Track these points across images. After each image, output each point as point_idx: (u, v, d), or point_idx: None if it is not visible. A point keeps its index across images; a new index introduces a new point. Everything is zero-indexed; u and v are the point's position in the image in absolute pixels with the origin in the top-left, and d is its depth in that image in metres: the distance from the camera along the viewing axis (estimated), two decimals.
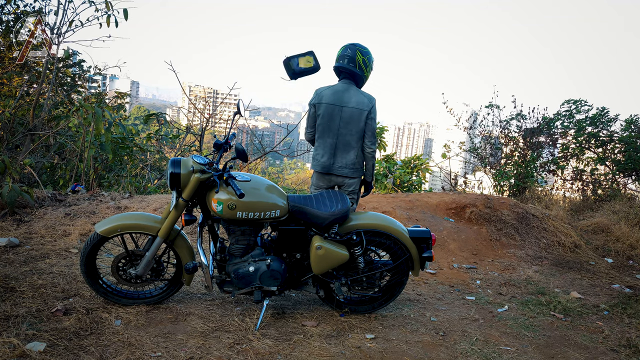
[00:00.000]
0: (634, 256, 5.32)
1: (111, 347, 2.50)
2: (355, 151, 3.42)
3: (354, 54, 3.36)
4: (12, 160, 5.79)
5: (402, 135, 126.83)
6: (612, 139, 8.44)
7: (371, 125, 3.40)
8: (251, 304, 3.22)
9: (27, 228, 4.15)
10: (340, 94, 3.39)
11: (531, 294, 4.03)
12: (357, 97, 3.38)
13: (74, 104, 6.70)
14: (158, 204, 4.86)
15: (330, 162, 3.44)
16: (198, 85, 67.02)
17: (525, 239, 5.40)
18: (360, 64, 3.37)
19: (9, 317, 2.63)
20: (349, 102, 3.37)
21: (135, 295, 3.05)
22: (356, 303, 3.27)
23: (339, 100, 3.38)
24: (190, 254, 3.02)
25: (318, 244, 2.93)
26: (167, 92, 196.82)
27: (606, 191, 8.22)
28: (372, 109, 3.40)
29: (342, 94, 3.39)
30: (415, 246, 3.16)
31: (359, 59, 3.36)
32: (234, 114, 3.10)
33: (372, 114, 3.39)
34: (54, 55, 6.46)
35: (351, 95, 3.38)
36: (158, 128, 7.97)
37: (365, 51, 3.39)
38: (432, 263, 4.53)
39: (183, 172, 2.77)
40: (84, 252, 2.88)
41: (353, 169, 3.45)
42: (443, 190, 8.47)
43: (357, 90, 3.42)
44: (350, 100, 3.37)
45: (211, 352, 2.56)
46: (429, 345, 2.89)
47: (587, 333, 3.29)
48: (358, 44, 3.39)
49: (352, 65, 3.36)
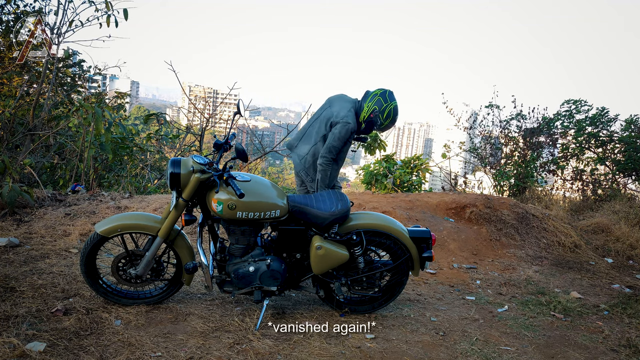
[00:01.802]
0: (634, 256, 5.32)
1: (111, 347, 2.50)
2: (310, 149, 3.58)
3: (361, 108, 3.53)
4: (12, 160, 5.79)
5: (402, 135, 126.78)
6: (612, 139, 8.44)
7: (330, 138, 3.46)
8: (251, 304, 3.22)
9: (27, 228, 4.15)
10: (338, 98, 3.65)
11: (531, 294, 4.03)
12: (342, 108, 3.52)
13: (74, 104, 6.70)
14: (158, 204, 4.86)
15: (295, 143, 3.73)
16: (198, 85, 67.03)
17: (525, 239, 5.40)
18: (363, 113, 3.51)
19: (9, 317, 2.63)
20: (333, 106, 3.58)
21: (135, 295, 3.05)
22: (356, 303, 3.27)
23: (332, 101, 3.63)
24: (190, 254, 3.02)
25: (318, 244, 2.93)
26: (167, 92, 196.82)
27: (606, 191, 8.22)
28: (338, 125, 3.44)
29: (339, 99, 3.63)
30: (415, 246, 3.16)
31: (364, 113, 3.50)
32: (234, 114, 3.10)
33: (336, 128, 3.45)
34: (54, 55, 6.46)
35: (342, 105, 3.55)
36: (158, 128, 7.97)
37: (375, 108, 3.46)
38: (432, 263, 4.53)
39: (183, 172, 2.77)
40: (84, 252, 2.88)
41: (304, 166, 3.62)
42: (443, 190, 8.47)
43: (350, 106, 3.53)
44: (335, 106, 3.56)
45: (211, 352, 2.56)
46: (429, 345, 2.89)
47: (587, 333, 3.29)
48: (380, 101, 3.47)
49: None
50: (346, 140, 3.49)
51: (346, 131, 3.44)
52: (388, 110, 3.44)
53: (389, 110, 3.44)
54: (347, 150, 3.64)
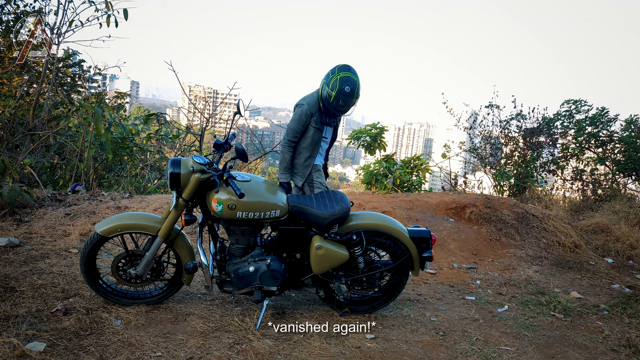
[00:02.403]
0: (634, 256, 5.32)
1: (111, 347, 2.50)
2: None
3: None
4: (12, 160, 5.79)
5: (402, 135, 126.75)
6: (612, 139, 8.44)
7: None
8: (251, 304, 3.22)
9: (27, 228, 4.15)
10: None
11: (531, 294, 4.03)
12: (308, 94, 3.53)
13: (74, 104, 6.70)
14: (158, 204, 4.86)
15: None
16: (198, 85, 67.02)
17: (525, 239, 5.40)
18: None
19: (9, 317, 2.63)
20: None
21: (135, 295, 3.05)
22: (356, 303, 3.27)
23: None
24: (190, 254, 3.02)
25: (318, 244, 2.93)
26: (167, 92, 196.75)
27: (606, 191, 8.22)
28: (294, 108, 3.50)
29: None
30: (415, 246, 3.16)
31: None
32: (234, 114, 3.10)
33: (292, 112, 3.52)
34: (54, 55, 6.46)
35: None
36: (158, 128, 7.98)
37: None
38: (432, 263, 4.53)
39: (183, 172, 2.77)
40: (84, 252, 2.88)
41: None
42: (443, 190, 8.47)
43: (314, 91, 3.50)
44: None
45: (211, 352, 2.56)
46: (429, 345, 2.89)
47: (587, 333, 3.29)
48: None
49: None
50: (303, 122, 3.41)
51: (300, 113, 3.40)
52: (333, 81, 3.24)
53: (333, 80, 3.24)
54: (314, 137, 3.49)
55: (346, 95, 3.24)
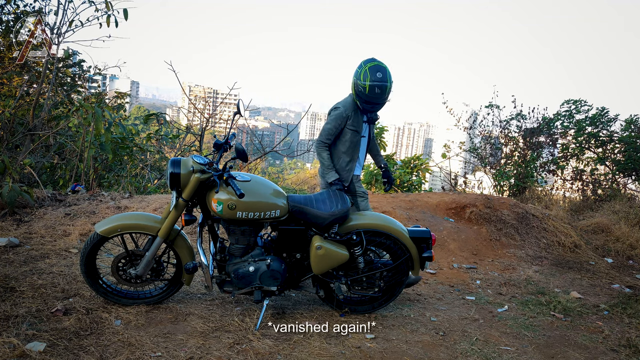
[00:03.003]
0: (634, 256, 5.32)
1: (111, 347, 2.50)
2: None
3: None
4: (12, 160, 5.78)
5: (402, 135, 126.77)
6: (612, 139, 8.44)
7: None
8: (251, 304, 3.22)
9: (27, 228, 4.15)
10: None
11: (531, 294, 4.03)
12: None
13: (74, 104, 6.70)
14: (158, 204, 4.86)
15: None
16: (198, 85, 67.06)
17: (525, 239, 5.40)
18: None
19: (9, 317, 2.63)
20: None
21: (135, 295, 3.05)
22: (356, 303, 3.27)
23: None
24: (190, 254, 3.02)
25: (318, 244, 2.93)
26: (167, 92, 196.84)
27: (606, 191, 8.22)
28: (329, 112, 3.53)
29: None
30: (415, 246, 3.16)
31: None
32: (234, 114, 3.10)
33: (327, 116, 3.55)
34: (54, 55, 6.46)
35: None
36: (158, 128, 7.97)
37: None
38: (432, 263, 4.53)
39: (183, 172, 2.77)
40: (84, 252, 2.88)
41: None
42: (443, 190, 8.47)
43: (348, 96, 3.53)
44: None
45: (211, 352, 2.56)
46: (429, 345, 2.89)
47: (587, 333, 3.29)
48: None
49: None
50: (339, 125, 3.42)
51: (336, 116, 3.42)
52: (363, 73, 3.29)
53: (363, 73, 3.29)
54: (353, 140, 3.48)
55: (380, 80, 3.27)
